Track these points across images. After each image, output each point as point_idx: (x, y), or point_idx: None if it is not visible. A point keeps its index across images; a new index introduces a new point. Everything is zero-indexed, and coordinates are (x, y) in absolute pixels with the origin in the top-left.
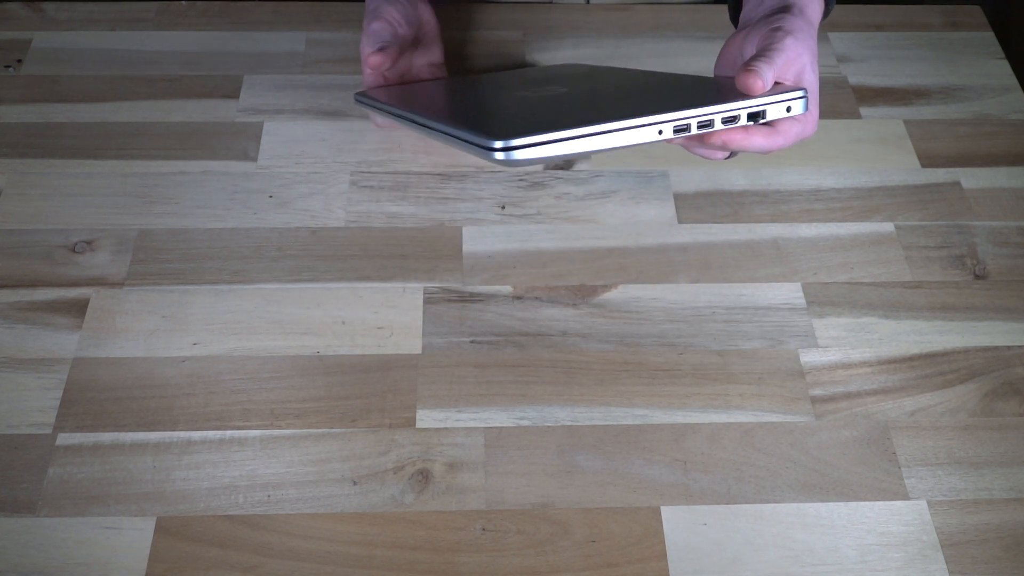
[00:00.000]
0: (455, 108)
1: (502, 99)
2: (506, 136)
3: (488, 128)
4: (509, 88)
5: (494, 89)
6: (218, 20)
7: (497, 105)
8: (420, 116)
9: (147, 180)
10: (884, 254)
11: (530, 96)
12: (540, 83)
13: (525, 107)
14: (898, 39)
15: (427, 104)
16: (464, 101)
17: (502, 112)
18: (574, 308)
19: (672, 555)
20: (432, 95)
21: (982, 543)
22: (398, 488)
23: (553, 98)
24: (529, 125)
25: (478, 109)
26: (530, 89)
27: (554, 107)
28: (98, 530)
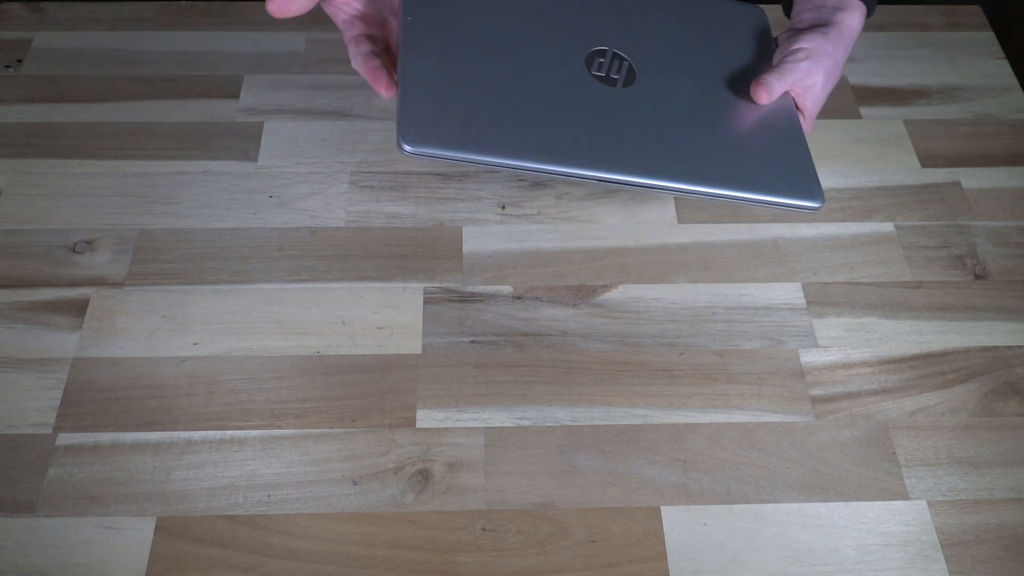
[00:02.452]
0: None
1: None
2: (410, 139)
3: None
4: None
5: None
6: (218, 20)
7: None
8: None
9: (147, 180)
10: (884, 254)
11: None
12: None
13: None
14: (898, 39)
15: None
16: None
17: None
18: (574, 308)
19: (672, 555)
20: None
21: (982, 543)
22: (398, 488)
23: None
24: (444, 136)
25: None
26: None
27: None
28: (98, 530)
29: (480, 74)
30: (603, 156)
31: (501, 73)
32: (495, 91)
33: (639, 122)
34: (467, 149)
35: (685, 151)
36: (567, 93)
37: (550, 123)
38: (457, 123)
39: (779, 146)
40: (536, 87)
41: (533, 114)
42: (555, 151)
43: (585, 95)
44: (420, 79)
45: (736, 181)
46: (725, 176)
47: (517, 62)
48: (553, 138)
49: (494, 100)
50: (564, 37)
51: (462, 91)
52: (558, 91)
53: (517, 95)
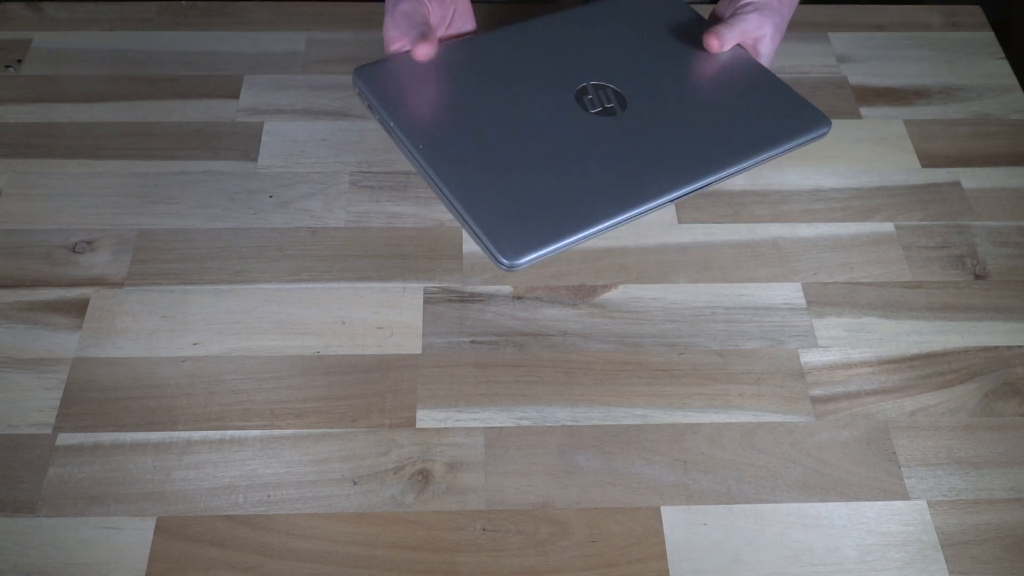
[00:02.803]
0: (474, 169)
1: (544, 133)
2: (511, 256)
3: (501, 236)
4: (556, 87)
5: (539, 93)
6: (218, 20)
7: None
8: (432, 170)
9: (147, 180)
10: (884, 254)
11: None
12: (593, 70)
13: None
14: (898, 39)
15: (441, 143)
16: (493, 135)
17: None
18: (574, 308)
19: (672, 555)
20: (450, 113)
21: (982, 543)
22: (398, 488)
23: (597, 138)
24: (534, 237)
25: (496, 190)
26: (577, 100)
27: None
28: (98, 530)
29: (511, 165)
30: (657, 183)
31: (529, 156)
32: (538, 177)
33: (655, 138)
34: (558, 238)
35: (711, 144)
36: (587, 143)
37: (599, 180)
38: (535, 221)
39: (770, 99)
40: (563, 152)
41: (581, 180)
42: (620, 201)
43: (600, 136)
44: (477, 200)
45: (760, 147)
46: (749, 148)
47: (531, 135)
48: (612, 190)
49: (546, 187)
50: (546, 89)
51: (512, 191)
52: (580, 145)
53: (557, 170)
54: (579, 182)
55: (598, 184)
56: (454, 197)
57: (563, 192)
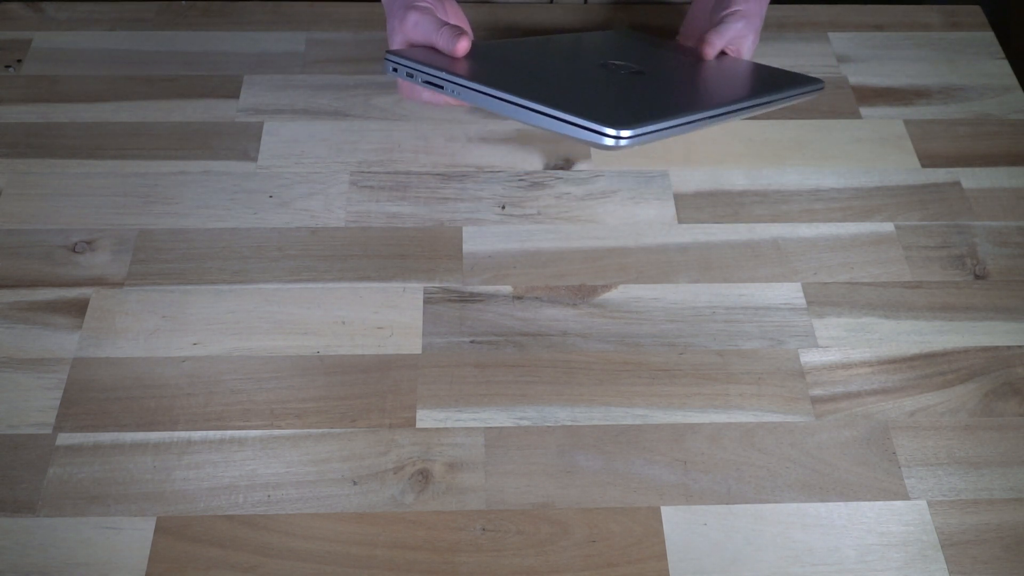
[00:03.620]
0: (549, 86)
1: (590, 78)
2: (619, 125)
3: (603, 116)
4: (579, 63)
5: (569, 64)
6: (218, 20)
7: (592, 87)
8: (511, 95)
9: (147, 180)
10: (884, 254)
11: (613, 77)
12: (606, 56)
13: (619, 91)
14: (898, 39)
15: (510, 80)
16: (550, 77)
17: (605, 97)
18: (574, 308)
19: (672, 555)
20: (502, 67)
21: (982, 543)
22: (398, 488)
23: (639, 81)
24: (636, 114)
25: (578, 91)
26: (603, 67)
27: (647, 94)
28: (98, 530)
29: (578, 83)
30: (716, 96)
31: (584, 78)
32: (608, 89)
33: (691, 82)
34: (663, 119)
35: (737, 85)
36: (632, 84)
37: (665, 94)
38: (633, 106)
39: (768, 70)
40: (618, 82)
41: (650, 93)
42: (693, 105)
43: (638, 83)
44: (566, 100)
45: (756, 95)
46: (767, 89)
47: (580, 73)
48: (680, 98)
49: (619, 93)
50: (572, 61)
51: (595, 94)
52: (627, 83)
53: (621, 87)
54: (646, 93)
55: (664, 95)
56: (543, 104)
57: (639, 97)
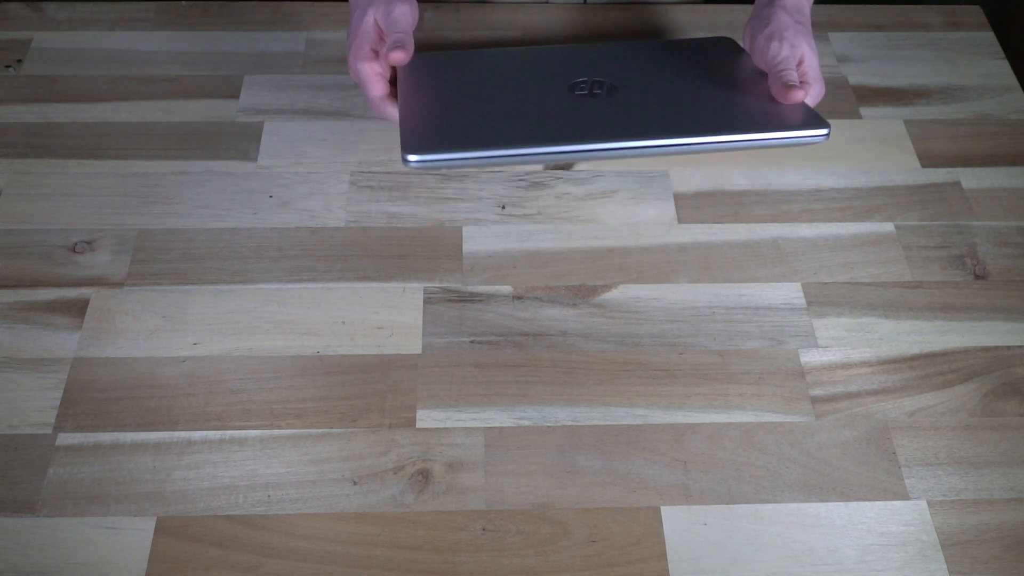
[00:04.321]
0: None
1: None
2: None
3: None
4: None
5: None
6: (218, 20)
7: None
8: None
9: (147, 180)
10: (884, 254)
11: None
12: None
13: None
14: (898, 39)
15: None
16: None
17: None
18: (574, 308)
19: (672, 555)
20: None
21: (982, 543)
22: (398, 488)
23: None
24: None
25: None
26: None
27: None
28: (98, 530)
29: (471, 96)
30: (590, 131)
31: (491, 97)
32: (486, 106)
33: (628, 104)
34: (466, 148)
35: (687, 114)
36: (553, 105)
37: (542, 115)
38: (454, 130)
39: (773, 106)
40: (523, 102)
41: (524, 113)
42: (548, 135)
43: (571, 105)
44: (416, 104)
45: (746, 127)
46: (734, 126)
47: (505, 89)
48: (548, 124)
49: (485, 110)
50: (545, 73)
51: (454, 108)
52: (544, 104)
53: (506, 104)
54: (518, 115)
55: (536, 120)
56: (400, 98)
57: (497, 118)
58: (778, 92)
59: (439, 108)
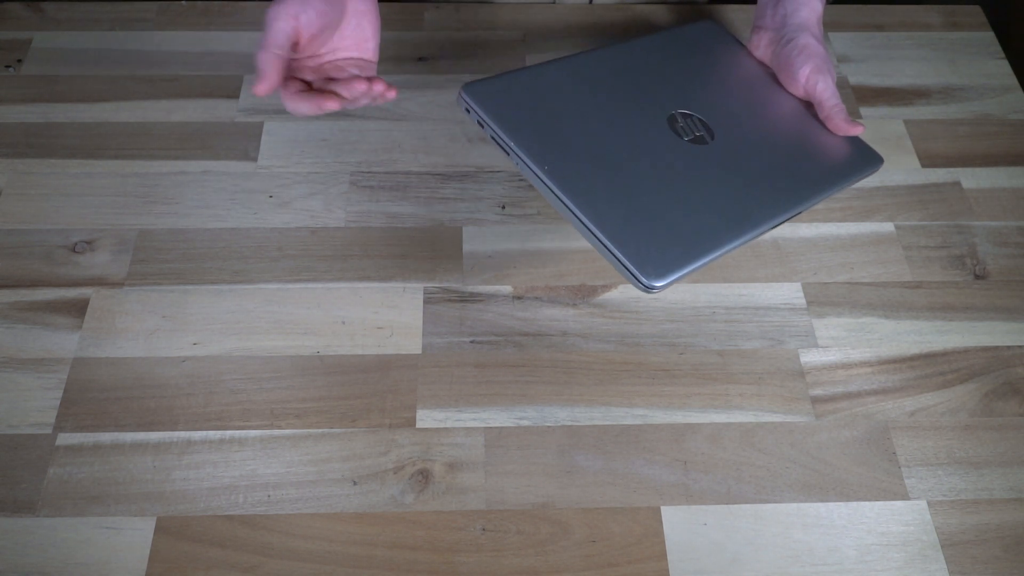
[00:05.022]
0: (608, 186)
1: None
2: (653, 276)
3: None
4: (648, 117)
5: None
6: (218, 20)
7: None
8: (569, 197)
9: (147, 180)
10: (884, 254)
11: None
12: (678, 99)
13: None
14: (898, 39)
15: (572, 168)
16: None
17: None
18: (574, 308)
19: (672, 555)
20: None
21: (982, 543)
22: (398, 488)
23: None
24: (673, 259)
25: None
26: (672, 125)
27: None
28: (98, 530)
29: (635, 191)
30: (757, 213)
31: (648, 181)
32: (663, 201)
33: (749, 168)
34: (693, 259)
35: (786, 180)
36: (695, 169)
37: (717, 204)
38: (671, 243)
39: (826, 136)
40: (677, 178)
41: (701, 204)
42: (738, 224)
43: (702, 164)
44: (612, 223)
45: (826, 184)
46: (823, 180)
47: (643, 161)
48: (729, 214)
49: (672, 210)
50: (640, 114)
51: (643, 214)
52: (689, 172)
53: (676, 194)
54: (698, 207)
55: (715, 209)
56: (591, 222)
57: (687, 216)
58: (837, 129)
59: (630, 218)
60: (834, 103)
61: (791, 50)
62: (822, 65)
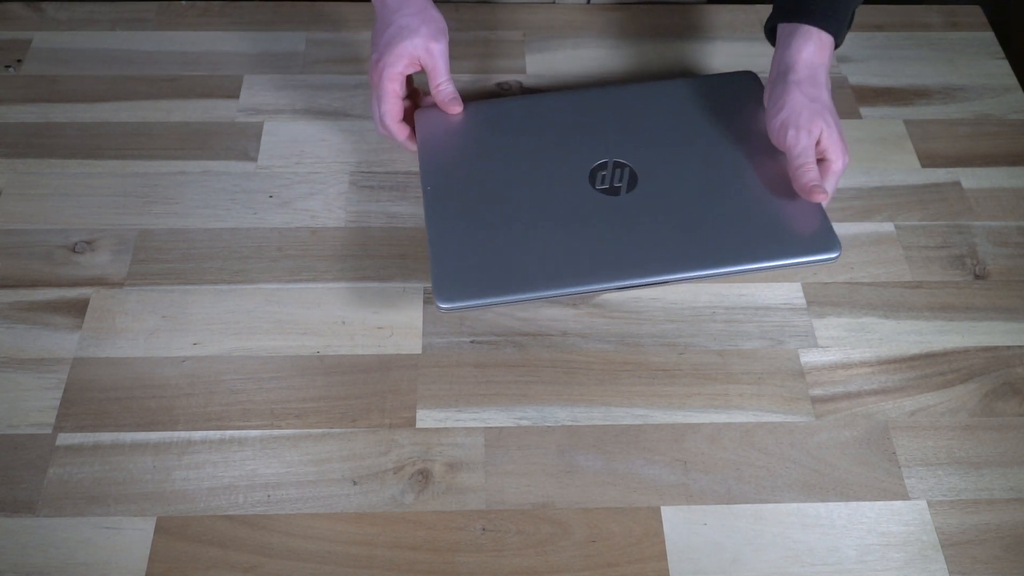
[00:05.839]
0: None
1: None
2: (442, 296)
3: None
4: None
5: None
6: (218, 20)
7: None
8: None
9: (147, 180)
10: (884, 254)
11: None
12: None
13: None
14: (898, 39)
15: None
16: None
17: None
18: (574, 308)
19: (672, 555)
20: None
21: (982, 543)
22: (398, 488)
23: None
24: (473, 288)
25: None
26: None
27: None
28: (98, 530)
29: (494, 222)
30: (617, 269)
31: (514, 217)
32: (510, 237)
33: (646, 224)
34: (495, 295)
35: (696, 241)
36: (575, 216)
37: (563, 251)
38: (483, 274)
39: (788, 205)
40: (545, 220)
41: (545, 248)
42: (572, 275)
43: (592, 212)
44: (445, 241)
45: (750, 254)
46: (739, 253)
47: (528, 200)
48: (569, 264)
49: (511, 246)
50: (567, 160)
51: (480, 243)
52: (567, 217)
53: (530, 234)
54: (540, 253)
55: (557, 258)
56: (429, 234)
57: (526, 256)
58: (800, 190)
59: (465, 243)
60: (801, 161)
61: (770, 95)
62: (797, 118)
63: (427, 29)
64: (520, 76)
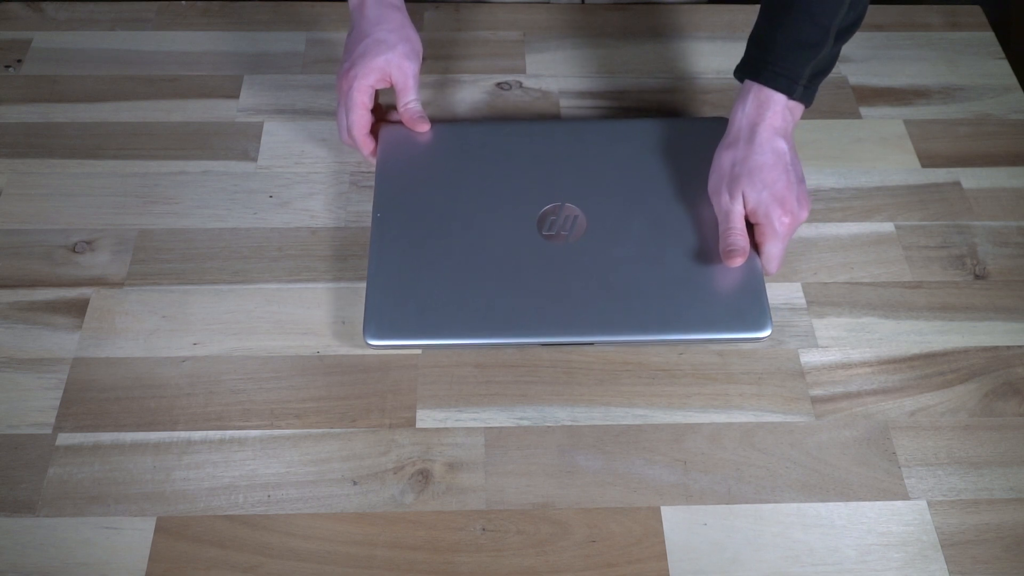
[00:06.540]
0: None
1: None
2: (370, 333)
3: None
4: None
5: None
6: (218, 20)
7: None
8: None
9: (147, 180)
10: (884, 254)
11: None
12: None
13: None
14: (898, 39)
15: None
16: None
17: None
18: None
19: (672, 555)
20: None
21: (982, 543)
22: (398, 488)
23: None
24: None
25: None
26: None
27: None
28: (98, 530)
29: (435, 261)
30: (546, 324)
31: (456, 257)
32: (448, 279)
33: (585, 280)
34: (422, 337)
35: (629, 303)
36: (517, 263)
37: (497, 302)
38: (415, 315)
39: (730, 274)
40: (486, 264)
41: (481, 296)
42: (502, 327)
43: (535, 261)
44: (383, 274)
45: (680, 325)
46: (669, 322)
47: (473, 240)
48: (500, 316)
49: (447, 289)
50: (520, 197)
51: (417, 283)
52: (509, 263)
53: (468, 279)
54: (476, 300)
55: (493, 308)
56: (369, 266)
57: (457, 304)
58: (721, 254)
59: (404, 281)
60: (724, 227)
61: (715, 156)
62: (722, 178)
63: (403, 48)
64: (520, 76)
